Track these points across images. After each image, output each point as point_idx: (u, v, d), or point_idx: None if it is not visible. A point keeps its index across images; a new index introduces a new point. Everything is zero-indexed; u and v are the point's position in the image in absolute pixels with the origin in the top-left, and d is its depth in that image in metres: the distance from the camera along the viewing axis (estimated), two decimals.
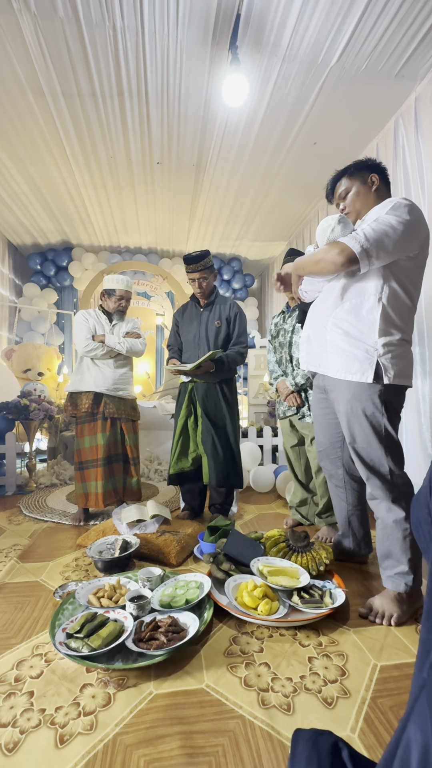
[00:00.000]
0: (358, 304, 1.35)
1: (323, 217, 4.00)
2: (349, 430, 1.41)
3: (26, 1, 1.96)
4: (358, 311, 1.35)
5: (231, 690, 1.02)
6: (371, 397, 1.34)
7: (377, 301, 1.32)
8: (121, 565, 1.71)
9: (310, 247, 1.59)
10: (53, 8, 2.00)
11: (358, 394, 1.36)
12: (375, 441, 1.35)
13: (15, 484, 3.06)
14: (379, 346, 1.31)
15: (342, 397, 1.41)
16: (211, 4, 1.98)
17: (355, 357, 1.34)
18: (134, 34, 2.16)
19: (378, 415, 1.34)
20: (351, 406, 1.38)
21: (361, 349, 1.34)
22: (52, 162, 3.36)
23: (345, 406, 1.40)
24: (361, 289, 1.36)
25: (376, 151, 2.98)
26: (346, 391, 1.39)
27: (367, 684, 1.03)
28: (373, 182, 1.45)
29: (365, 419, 1.35)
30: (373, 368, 1.31)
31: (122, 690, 1.02)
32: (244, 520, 2.40)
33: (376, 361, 1.31)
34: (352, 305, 1.37)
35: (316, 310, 1.53)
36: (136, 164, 3.41)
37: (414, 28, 2.10)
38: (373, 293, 1.33)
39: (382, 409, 1.34)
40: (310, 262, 1.41)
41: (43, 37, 2.17)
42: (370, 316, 1.33)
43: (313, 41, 2.18)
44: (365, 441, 1.37)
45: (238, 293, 6.13)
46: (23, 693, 1.02)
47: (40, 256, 5.43)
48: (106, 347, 2.30)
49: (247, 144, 3.11)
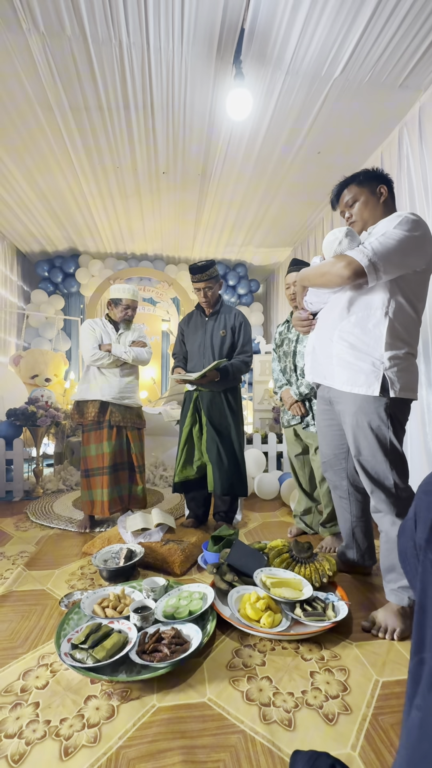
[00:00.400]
0: (364, 317, 1.36)
1: (328, 224, 4.01)
2: (355, 442, 1.41)
3: (35, 21, 2.01)
4: (364, 325, 1.35)
5: (233, 704, 1.03)
6: (377, 410, 1.34)
7: (384, 315, 1.32)
8: (125, 574, 1.73)
9: (316, 259, 1.58)
10: (61, 27, 2.05)
11: (363, 407, 1.36)
12: (380, 454, 1.36)
13: (22, 490, 3.10)
14: (385, 359, 1.32)
15: (348, 409, 1.42)
16: (215, 20, 2.02)
17: (361, 370, 1.35)
18: (140, 50, 2.20)
19: (384, 429, 1.35)
20: (357, 419, 1.38)
21: (367, 362, 1.34)
22: (59, 172, 3.42)
23: (351, 419, 1.41)
24: (368, 302, 1.36)
25: (380, 160, 2.99)
26: (352, 403, 1.39)
27: (369, 700, 1.03)
28: (382, 193, 1.45)
29: (371, 432, 1.36)
30: (379, 381, 1.32)
31: (126, 702, 1.04)
32: (248, 528, 2.41)
33: (383, 375, 1.32)
34: (358, 318, 1.37)
35: (321, 322, 1.53)
36: (142, 174, 3.46)
37: (418, 39, 2.12)
38: (380, 307, 1.33)
39: (388, 423, 1.34)
40: (316, 274, 1.41)
41: (51, 55, 2.22)
42: (377, 330, 1.33)
43: (316, 54, 2.20)
44: (370, 454, 1.37)
45: (243, 299, 6.16)
46: (29, 704, 1.04)
47: (48, 263, 5.51)
48: (112, 356, 2.33)
49: (251, 154, 3.14)
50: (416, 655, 0.61)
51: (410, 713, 0.56)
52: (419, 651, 0.61)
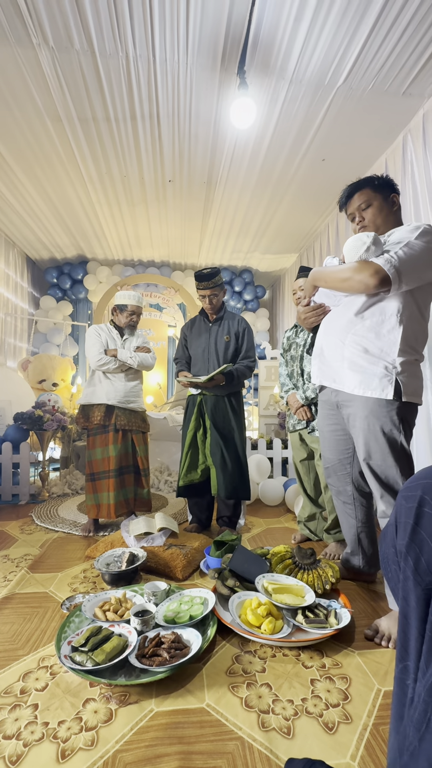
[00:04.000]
0: (378, 322, 1.36)
1: (333, 231, 4.02)
2: (366, 446, 1.40)
3: (45, 37, 2.08)
4: (378, 330, 1.35)
5: (231, 710, 1.02)
6: (389, 414, 1.34)
7: (398, 322, 1.33)
8: (127, 578, 1.73)
9: (332, 260, 1.55)
10: (69, 42, 2.11)
11: (375, 411, 1.36)
12: (391, 458, 1.35)
13: (28, 493, 3.12)
14: (397, 364, 1.32)
15: (358, 413, 1.41)
16: (219, 31, 2.06)
17: (375, 374, 1.35)
18: (146, 63, 2.25)
19: (396, 432, 1.34)
20: (368, 422, 1.38)
21: (380, 366, 1.34)
22: (68, 181, 3.49)
23: (362, 423, 1.40)
24: (383, 308, 1.36)
25: (384, 166, 3.00)
26: (363, 407, 1.39)
27: (370, 710, 1.02)
28: (395, 202, 1.45)
29: (383, 436, 1.35)
30: (392, 385, 1.32)
31: (124, 706, 1.04)
32: (252, 533, 2.40)
33: (395, 379, 1.32)
34: (372, 323, 1.37)
35: (331, 325, 1.51)
36: (149, 182, 3.52)
37: (421, 48, 2.13)
38: (395, 313, 1.33)
39: (400, 426, 1.34)
40: (336, 278, 1.39)
41: (60, 68, 2.28)
42: (391, 336, 1.33)
43: (319, 64, 2.23)
44: (381, 458, 1.36)
45: (249, 304, 6.18)
46: (28, 705, 1.04)
47: (57, 269, 5.61)
48: (118, 361, 2.36)
49: (256, 161, 3.17)
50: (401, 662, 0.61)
51: (402, 719, 0.55)
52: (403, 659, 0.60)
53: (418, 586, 0.61)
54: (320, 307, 1.59)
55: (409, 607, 0.62)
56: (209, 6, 1.91)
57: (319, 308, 1.59)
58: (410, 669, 0.59)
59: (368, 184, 1.45)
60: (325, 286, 1.47)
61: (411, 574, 0.62)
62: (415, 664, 0.59)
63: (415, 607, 0.61)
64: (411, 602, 0.62)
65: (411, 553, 0.63)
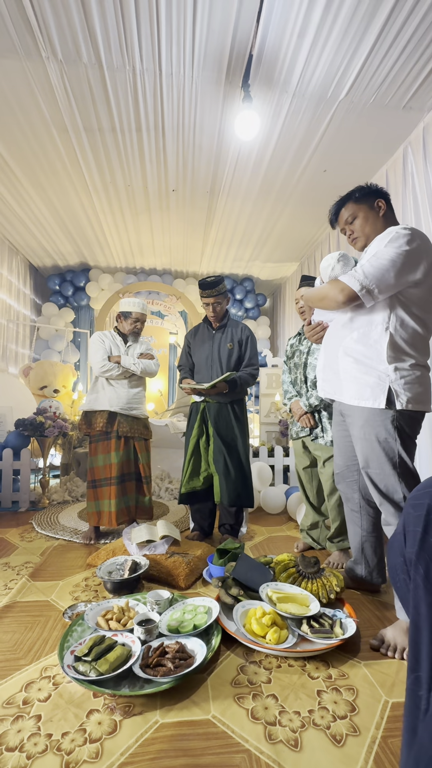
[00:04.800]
0: (366, 333, 1.38)
1: (334, 240, 4.07)
2: (363, 455, 1.41)
3: (53, 50, 2.12)
4: (366, 340, 1.38)
5: (237, 722, 1.00)
6: (384, 423, 1.35)
7: (384, 330, 1.34)
8: (129, 586, 1.72)
9: (317, 280, 1.66)
10: (78, 55, 2.16)
11: (370, 420, 1.37)
12: (388, 467, 1.35)
13: (28, 500, 3.10)
14: (390, 372, 1.32)
15: (356, 422, 1.43)
16: (224, 46, 2.11)
17: (367, 384, 1.36)
18: (152, 76, 2.30)
19: (391, 441, 1.34)
20: (364, 431, 1.39)
21: (373, 375, 1.35)
22: (72, 190, 3.54)
23: (359, 432, 1.42)
24: (369, 319, 1.38)
25: (385, 177, 3.05)
26: (360, 416, 1.41)
27: (378, 722, 1.00)
28: (380, 207, 1.48)
29: (378, 445, 1.36)
30: (385, 394, 1.32)
31: (128, 717, 1.02)
32: (254, 542, 2.38)
33: (389, 387, 1.32)
34: (360, 334, 1.40)
35: (328, 339, 1.57)
36: (153, 192, 3.56)
37: (421, 63, 2.18)
38: (381, 322, 1.35)
39: (395, 435, 1.34)
40: (316, 297, 1.47)
41: (68, 80, 2.33)
42: (378, 345, 1.35)
43: (322, 78, 2.28)
44: (378, 467, 1.37)
45: (250, 312, 6.21)
46: (31, 716, 1.02)
47: (59, 276, 5.64)
48: (121, 368, 2.36)
49: (258, 172, 3.22)
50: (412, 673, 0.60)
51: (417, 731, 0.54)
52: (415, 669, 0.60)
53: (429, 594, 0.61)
54: (319, 325, 1.66)
55: (420, 616, 0.61)
56: (215, 21, 1.96)
57: (318, 326, 1.67)
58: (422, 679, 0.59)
59: (350, 198, 1.51)
60: (313, 306, 1.55)
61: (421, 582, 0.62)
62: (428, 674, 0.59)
63: (427, 616, 0.61)
64: (422, 611, 0.61)
65: (421, 562, 0.63)
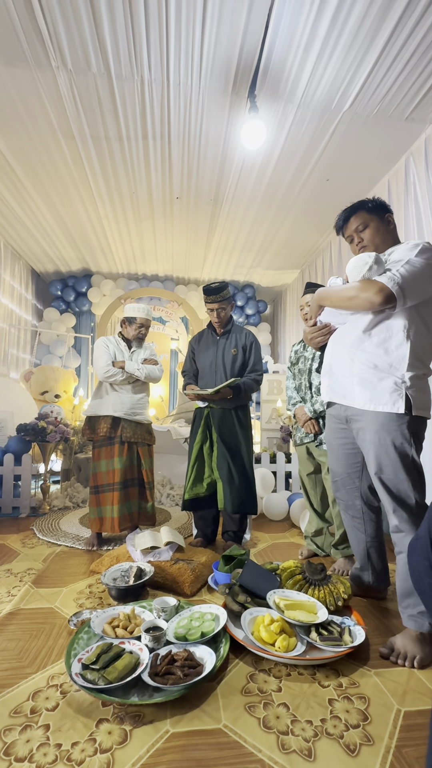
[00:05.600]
0: (386, 338, 1.39)
1: (336, 248, 4.10)
2: (377, 460, 1.40)
3: (63, 60, 2.16)
4: (386, 346, 1.38)
5: (249, 732, 0.99)
6: (400, 428, 1.35)
7: (406, 338, 1.36)
8: (135, 593, 1.70)
9: (335, 279, 1.60)
10: (87, 65, 2.19)
11: (386, 425, 1.37)
12: (402, 472, 1.35)
13: (29, 506, 3.08)
14: (407, 378, 1.34)
15: (369, 427, 1.42)
16: (232, 58, 2.15)
17: (385, 389, 1.37)
18: (160, 86, 2.34)
19: (406, 446, 1.35)
20: (379, 436, 1.39)
21: (390, 381, 1.36)
22: (77, 197, 3.57)
23: (373, 437, 1.41)
24: (389, 325, 1.39)
25: (387, 187, 3.09)
26: (374, 421, 1.40)
27: (391, 731, 0.99)
28: (390, 221, 1.51)
29: (394, 450, 1.36)
30: (403, 399, 1.34)
31: (138, 726, 1.00)
32: (258, 549, 2.36)
33: (405, 393, 1.34)
34: (380, 339, 1.40)
35: (339, 343, 1.55)
36: (157, 199, 3.59)
37: (424, 76, 2.23)
38: (402, 329, 1.36)
39: (411, 440, 1.35)
40: (341, 297, 1.43)
41: (77, 89, 2.36)
42: (399, 351, 1.36)
43: (327, 89, 2.32)
44: (393, 472, 1.37)
45: (251, 319, 6.24)
46: (39, 726, 1.01)
47: (61, 282, 5.66)
48: (125, 373, 2.36)
49: (262, 181, 3.26)
50: None
51: None
52: None
53: None
54: (326, 327, 1.64)
55: None
56: (223, 33, 2.00)
57: (324, 328, 1.64)
58: None
59: (363, 207, 1.52)
60: (331, 306, 1.51)
61: None
62: None
63: None
64: None
65: None
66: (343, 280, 1.56)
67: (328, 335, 1.63)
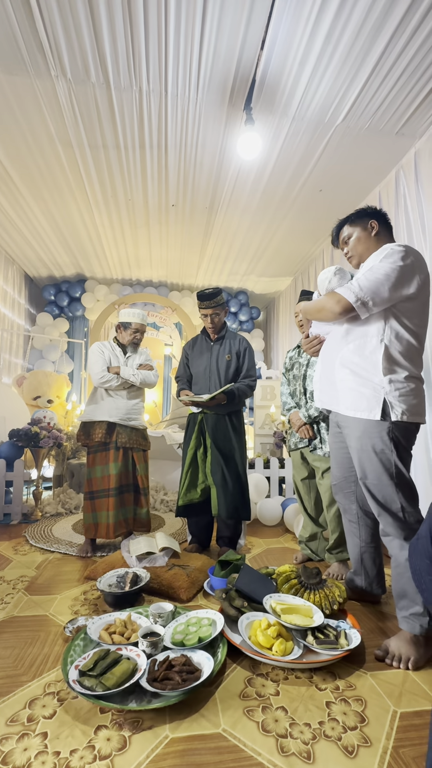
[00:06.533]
0: (361, 344, 1.43)
1: (328, 256, 4.18)
2: (360, 466, 1.44)
3: (63, 69, 2.19)
4: (362, 351, 1.42)
5: (249, 735, 0.99)
6: (380, 434, 1.37)
7: (379, 342, 1.39)
8: (130, 599, 1.69)
9: (315, 294, 1.73)
10: (86, 75, 2.22)
11: (368, 431, 1.40)
12: (386, 477, 1.37)
13: (21, 513, 3.04)
14: (384, 384, 1.36)
15: (353, 433, 1.45)
16: (229, 71, 2.20)
17: (363, 395, 1.40)
18: (158, 97, 2.38)
19: (387, 452, 1.37)
20: (361, 443, 1.42)
21: (368, 387, 1.39)
22: (73, 204, 3.58)
23: (356, 443, 1.44)
24: (364, 331, 1.43)
25: (378, 198, 3.17)
26: (357, 428, 1.43)
27: (388, 732, 1.00)
28: (373, 227, 1.56)
29: (375, 456, 1.38)
30: (380, 406, 1.36)
31: (137, 733, 1.00)
32: (253, 554, 2.37)
33: (383, 399, 1.36)
34: (356, 346, 1.44)
35: (325, 351, 1.61)
36: (153, 206, 3.63)
37: (414, 93, 2.31)
38: (375, 335, 1.40)
39: (391, 446, 1.37)
40: (314, 309, 1.52)
41: (76, 99, 2.39)
42: (373, 357, 1.39)
43: (321, 103, 2.39)
44: (376, 477, 1.39)
45: (244, 325, 6.29)
46: (37, 734, 1.00)
47: (55, 287, 5.65)
48: (120, 379, 2.36)
49: (257, 190, 3.32)
50: None
51: None
52: None
53: None
54: (316, 338, 1.70)
55: None
56: (221, 47, 2.05)
57: (315, 339, 1.71)
58: None
59: (346, 221, 1.63)
60: (310, 318, 1.60)
61: None
62: None
63: None
64: None
65: None
66: (317, 293, 1.68)
67: (319, 345, 1.69)
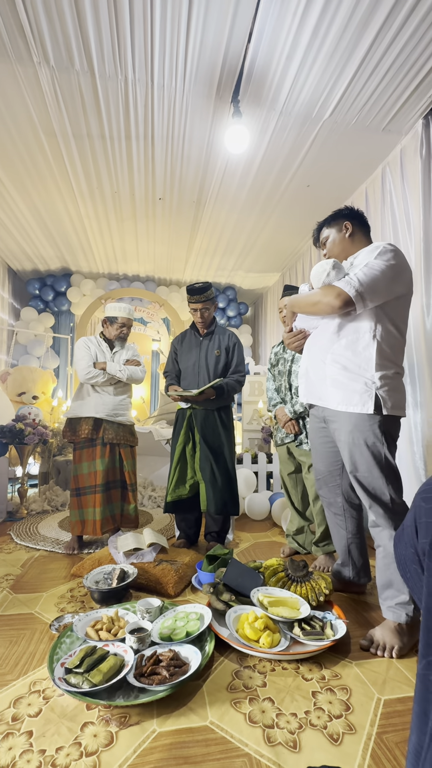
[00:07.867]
0: (354, 340, 1.44)
1: (315, 252, 4.20)
2: (351, 459, 1.45)
3: (46, 56, 2.12)
4: (354, 347, 1.44)
5: (236, 727, 1.00)
6: (372, 427, 1.40)
7: (372, 338, 1.41)
8: (118, 596, 1.69)
9: (304, 287, 1.69)
10: (70, 62, 2.16)
11: (359, 425, 1.42)
12: (376, 470, 1.40)
13: (5, 511, 2.99)
14: (376, 379, 1.39)
15: (343, 428, 1.47)
16: (216, 62, 2.17)
17: (355, 390, 1.42)
18: (144, 86, 2.34)
19: (378, 445, 1.40)
20: (353, 436, 1.44)
21: (360, 382, 1.41)
22: (58, 195, 3.50)
23: (347, 437, 1.46)
24: (356, 326, 1.45)
25: (365, 195, 3.19)
26: (347, 422, 1.45)
27: (372, 719, 1.03)
28: (347, 228, 1.60)
29: (366, 449, 1.41)
30: (372, 400, 1.38)
31: (125, 728, 1.00)
32: (241, 548, 2.38)
33: (375, 394, 1.38)
34: (348, 342, 1.45)
35: (313, 346, 1.61)
36: (139, 199, 3.58)
37: (399, 90, 2.32)
38: (368, 331, 1.42)
39: (382, 439, 1.40)
40: (307, 302, 1.51)
41: (59, 87, 2.33)
42: (367, 352, 1.41)
43: (308, 98, 2.38)
44: (367, 470, 1.42)
45: (232, 321, 6.28)
46: (21, 733, 0.98)
47: (39, 281, 5.53)
48: (107, 374, 2.33)
49: (244, 185, 3.30)
50: (424, 658, 0.63)
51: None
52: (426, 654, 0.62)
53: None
54: (301, 332, 1.69)
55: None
56: (208, 37, 2.02)
57: (299, 333, 1.70)
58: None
59: (324, 223, 1.68)
60: (300, 312, 1.59)
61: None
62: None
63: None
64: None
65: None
66: (309, 286, 1.65)
67: (303, 340, 1.69)
